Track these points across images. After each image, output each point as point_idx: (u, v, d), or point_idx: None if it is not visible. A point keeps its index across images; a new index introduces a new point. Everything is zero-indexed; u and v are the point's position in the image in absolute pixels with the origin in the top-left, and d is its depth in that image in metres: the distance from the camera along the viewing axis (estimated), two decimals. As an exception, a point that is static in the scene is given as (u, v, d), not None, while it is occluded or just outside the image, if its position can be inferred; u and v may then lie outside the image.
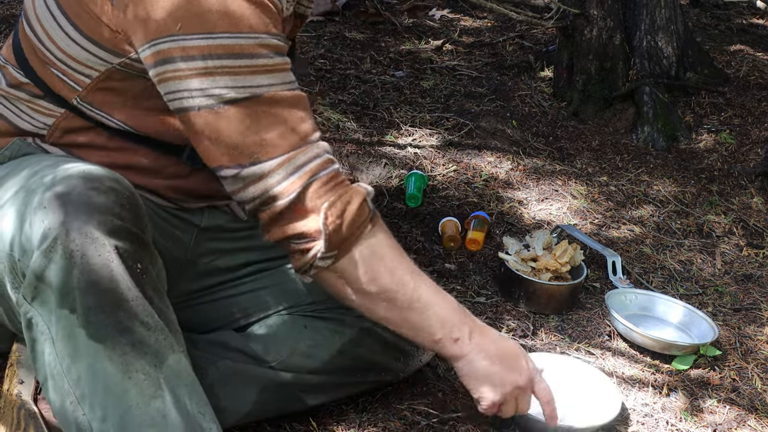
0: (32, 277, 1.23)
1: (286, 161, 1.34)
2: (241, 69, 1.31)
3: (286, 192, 1.35)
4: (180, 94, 1.33)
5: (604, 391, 1.81)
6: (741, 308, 2.26)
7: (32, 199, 1.26)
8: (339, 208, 1.37)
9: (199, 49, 1.29)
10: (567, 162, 2.93)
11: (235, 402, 1.60)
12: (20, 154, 1.47)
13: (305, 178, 1.36)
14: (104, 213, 1.23)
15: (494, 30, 4.07)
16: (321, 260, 1.39)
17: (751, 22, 4.42)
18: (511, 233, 2.46)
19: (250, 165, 1.34)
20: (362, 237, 1.41)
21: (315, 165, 1.37)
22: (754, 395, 1.93)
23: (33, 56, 1.46)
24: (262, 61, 1.33)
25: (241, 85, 1.31)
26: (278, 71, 1.36)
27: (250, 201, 1.37)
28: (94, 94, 1.43)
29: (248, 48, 1.31)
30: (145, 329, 1.25)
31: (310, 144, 1.37)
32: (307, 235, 1.37)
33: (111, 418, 1.23)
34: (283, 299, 1.69)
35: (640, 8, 3.31)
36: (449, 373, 1.88)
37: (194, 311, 1.66)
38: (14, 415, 1.37)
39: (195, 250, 1.63)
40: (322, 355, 1.65)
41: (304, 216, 1.37)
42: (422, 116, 3.07)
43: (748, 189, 2.87)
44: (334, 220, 1.37)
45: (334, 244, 1.38)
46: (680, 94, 3.36)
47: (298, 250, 1.40)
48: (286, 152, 1.34)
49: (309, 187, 1.36)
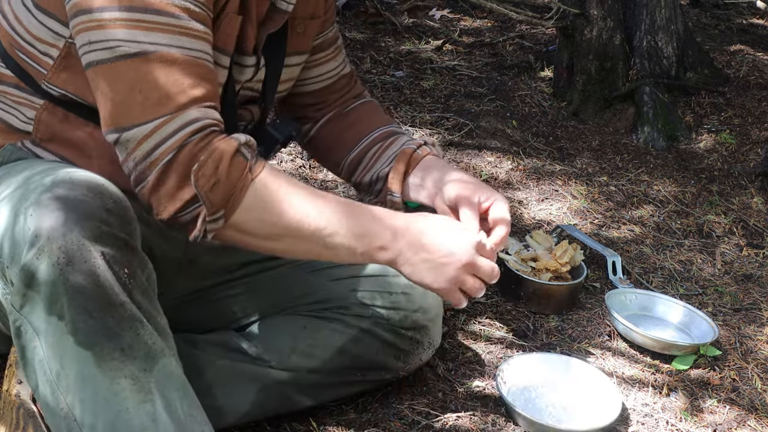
0: (20, 285, 1.23)
1: (162, 124, 1.29)
2: (143, 24, 1.27)
3: (159, 160, 1.30)
4: (84, 48, 1.30)
5: (604, 392, 1.81)
6: (741, 308, 2.26)
7: (20, 206, 1.26)
8: (211, 167, 1.31)
9: (94, 2, 1.26)
10: (567, 162, 2.93)
11: (234, 401, 1.60)
12: (12, 159, 1.46)
13: (178, 143, 1.30)
14: (90, 219, 1.22)
15: (494, 30, 4.07)
16: (211, 223, 1.34)
17: (751, 22, 4.42)
18: (511, 233, 2.46)
19: (130, 128, 1.29)
20: (245, 187, 1.34)
21: (190, 129, 1.31)
22: (754, 395, 1.93)
23: (6, 43, 1.45)
24: (173, 20, 1.29)
25: (136, 39, 1.27)
26: (186, 36, 1.31)
27: (131, 174, 1.32)
28: (59, 75, 1.41)
29: (164, 5, 1.28)
30: (133, 334, 1.24)
31: (193, 109, 1.31)
32: (192, 200, 1.32)
33: (101, 423, 1.23)
34: (282, 299, 1.69)
35: (640, 8, 3.31)
36: (449, 373, 1.88)
37: (193, 311, 1.66)
38: (13, 415, 1.37)
39: (193, 250, 1.62)
40: (321, 354, 1.65)
41: (180, 185, 1.31)
42: (422, 116, 3.07)
43: (748, 189, 2.87)
44: (208, 180, 1.31)
45: (216, 203, 1.32)
46: (680, 94, 3.36)
47: (187, 222, 1.34)
48: (171, 111, 1.29)
49: (180, 152, 1.30)
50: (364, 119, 1.76)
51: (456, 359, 1.93)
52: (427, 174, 1.65)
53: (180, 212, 1.33)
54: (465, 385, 1.86)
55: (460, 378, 1.88)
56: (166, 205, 1.32)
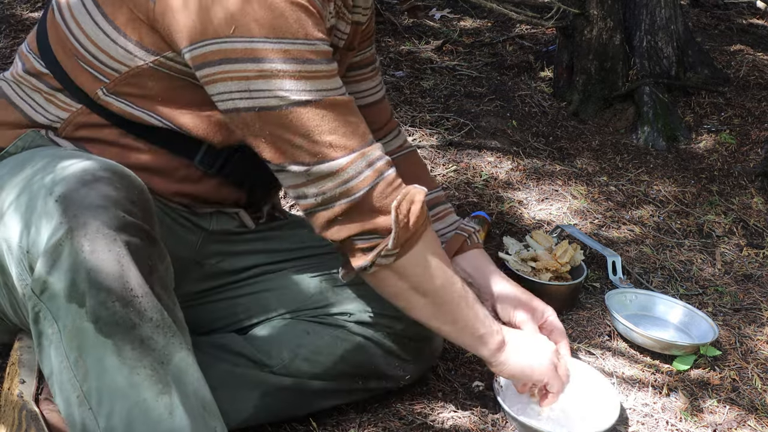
0: (41, 271, 1.23)
1: (359, 157, 1.39)
2: (302, 74, 1.35)
3: (359, 187, 1.40)
4: (238, 95, 1.36)
5: (602, 394, 1.80)
6: (741, 308, 2.26)
7: (43, 191, 1.26)
8: (405, 207, 1.43)
9: (259, 52, 1.33)
10: (567, 162, 2.93)
11: (236, 406, 1.59)
12: (33, 145, 1.47)
13: (375, 175, 1.41)
14: (115, 208, 1.23)
15: (494, 30, 4.07)
16: (384, 258, 1.44)
17: (751, 22, 4.42)
18: (511, 233, 2.46)
19: (316, 164, 1.38)
20: (423, 236, 1.47)
21: (382, 164, 1.43)
22: (754, 395, 1.93)
23: (58, 45, 1.47)
24: (319, 66, 1.37)
25: (307, 88, 1.36)
26: (333, 77, 1.40)
27: (311, 197, 1.41)
28: (122, 87, 1.45)
29: (305, 54, 1.35)
30: (153, 326, 1.24)
31: (374, 144, 1.43)
32: (377, 231, 1.42)
33: (118, 413, 1.23)
34: (286, 303, 1.69)
35: (640, 8, 3.31)
36: (449, 373, 1.89)
37: (196, 311, 1.66)
38: (15, 416, 1.37)
39: (201, 252, 1.63)
40: (323, 360, 1.64)
41: (372, 213, 1.41)
42: (422, 116, 3.07)
43: (748, 189, 2.87)
44: (403, 218, 1.42)
45: (400, 241, 1.43)
46: (680, 94, 3.36)
47: (360, 249, 1.44)
48: (354, 150, 1.39)
49: (378, 185, 1.41)
50: (409, 177, 1.71)
51: (456, 359, 1.94)
52: (475, 273, 1.81)
53: (357, 236, 1.43)
54: (465, 385, 1.86)
55: (460, 378, 1.88)
56: (351, 227, 1.42)
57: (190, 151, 1.51)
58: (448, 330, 1.57)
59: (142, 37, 1.40)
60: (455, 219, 1.89)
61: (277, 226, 1.75)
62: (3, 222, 1.31)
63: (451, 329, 1.56)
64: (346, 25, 1.61)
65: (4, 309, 1.45)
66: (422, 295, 1.50)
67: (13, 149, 1.48)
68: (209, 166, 1.53)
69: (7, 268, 1.33)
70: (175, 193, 1.53)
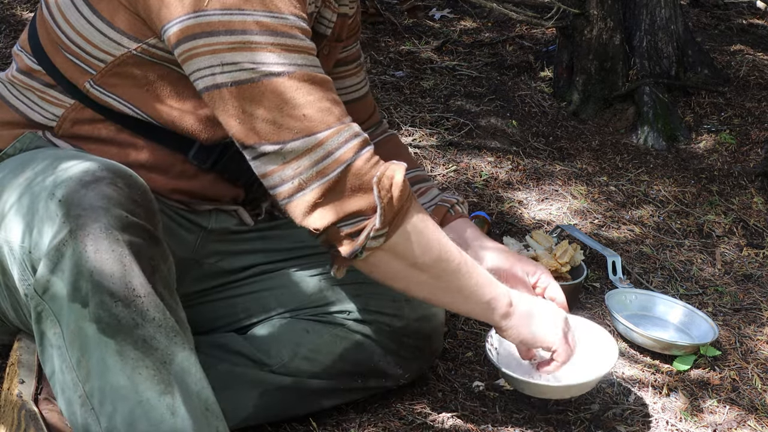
0: (44, 270, 1.23)
1: (335, 134, 1.33)
2: (276, 45, 1.31)
3: (336, 164, 1.33)
4: (211, 70, 1.32)
5: (600, 343, 1.77)
6: (741, 308, 2.26)
7: (45, 193, 1.26)
8: (387, 182, 1.36)
9: (234, 24, 1.29)
10: (567, 162, 2.93)
11: (236, 406, 1.59)
12: (31, 147, 1.47)
13: (352, 152, 1.34)
14: (118, 208, 1.24)
15: (494, 30, 4.07)
16: (374, 239, 1.37)
17: (751, 22, 4.42)
18: (511, 233, 2.46)
19: (291, 140, 1.32)
20: (410, 210, 1.40)
21: (359, 141, 1.36)
22: (754, 395, 1.93)
23: (47, 40, 1.47)
24: (295, 41, 1.33)
25: (280, 61, 1.31)
26: (310, 54, 1.36)
27: (288, 181, 1.34)
28: (108, 78, 1.44)
29: (280, 27, 1.32)
30: (155, 326, 1.24)
31: (352, 123, 1.37)
32: (361, 212, 1.36)
33: (120, 413, 1.23)
34: (285, 302, 1.69)
35: (640, 8, 3.31)
36: (449, 373, 1.89)
37: (196, 311, 1.66)
38: (15, 416, 1.37)
39: (200, 251, 1.63)
40: (323, 359, 1.64)
41: (352, 192, 1.35)
42: (422, 116, 3.07)
43: (748, 189, 2.87)
44: (386, 193, 1.36)
45: (387, 219, 1.36)
46: (680, 94, 3.36)
47: (347, 235, 1.37)
48: (331, 126, 1.33)
49: (355, 162, 1.34)
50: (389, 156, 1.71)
51: (456, 359, 1.94)
52: (459, 238, 1.70)
53: (342, 222, 1.36)
54: (465, 385, 1.86)
55: (460, 378, 1.88)
56: (328, 214, 1.35)
57: (183, 146, 1.50)
58: (453, 301, 1.51)
59: (125, 24, 1.39)
60: (437, 193, 1.80)
61: (276, 225, 1.74)
62: (5, 224, 1.32)
63: (455, 299, 1.50)
64: (332, 14, 1.59)
65: (5, 310, 1.45)
66: (421, 270, 1.44)
67: (11, 151, 1.47)
68: (203, 161, 1.52)
69: (9, 269, 1.33)
70: (172, 190, 1.53)
